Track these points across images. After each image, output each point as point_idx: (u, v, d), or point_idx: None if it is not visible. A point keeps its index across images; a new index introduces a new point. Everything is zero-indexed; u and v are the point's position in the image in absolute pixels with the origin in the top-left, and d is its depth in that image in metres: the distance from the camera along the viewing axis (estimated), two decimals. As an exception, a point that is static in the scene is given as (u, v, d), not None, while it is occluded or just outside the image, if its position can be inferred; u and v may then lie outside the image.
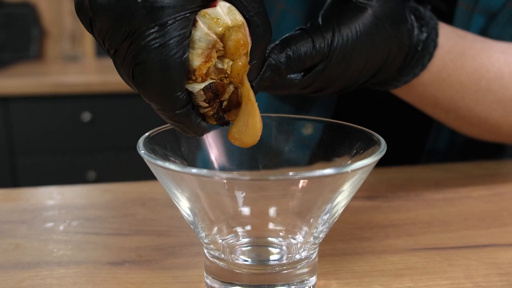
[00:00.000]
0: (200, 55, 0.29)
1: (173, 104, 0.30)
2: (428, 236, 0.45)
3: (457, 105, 0.47)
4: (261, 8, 0.31)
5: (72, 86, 1.70)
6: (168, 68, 0.28)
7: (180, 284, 0.37)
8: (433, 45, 0.42)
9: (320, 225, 0.33)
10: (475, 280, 0.38)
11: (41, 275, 0.38)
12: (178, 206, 0.33)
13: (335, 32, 0.37)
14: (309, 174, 0.29)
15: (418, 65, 0.43)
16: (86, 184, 0.57)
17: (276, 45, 0.35)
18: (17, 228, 0.46)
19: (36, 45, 2.08)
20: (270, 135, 0.40)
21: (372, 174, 0.60)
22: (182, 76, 0.29)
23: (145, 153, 0.31)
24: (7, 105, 1.70)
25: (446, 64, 0.44)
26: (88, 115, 1.74)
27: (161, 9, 0.28)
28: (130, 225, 0.47)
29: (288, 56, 0.35)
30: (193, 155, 0.38)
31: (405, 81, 0.43)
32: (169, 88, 0.29)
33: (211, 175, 0.29)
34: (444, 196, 0.54)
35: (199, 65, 0.30)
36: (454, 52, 0.45)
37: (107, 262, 0.40)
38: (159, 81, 0.29)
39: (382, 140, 0.33)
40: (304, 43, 0.36)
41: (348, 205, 0.51)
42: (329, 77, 0.38)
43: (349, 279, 0.38)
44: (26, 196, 0.54)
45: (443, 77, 0.45)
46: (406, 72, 0.43)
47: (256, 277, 0.33)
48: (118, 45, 0.29)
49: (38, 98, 1.70)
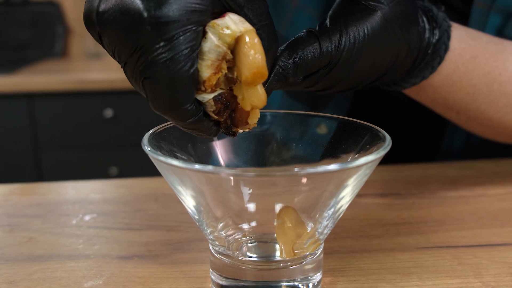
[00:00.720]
0: (209, 66, 0.29)
1: (183, 115, 0.31)
2: (440, 235, 0.44)
3: (468, 108, 0.47)
4: (266, 21, 0.31)
5: (95, 83, 1.72)
6: (175, 82, 0.29)
7: (186, 279, 0.37)
8: (444, 48, 0.41)
9: (324, 220, 0.33)
10: (484, 279, 0.37)
11: (51, 268, 0.39)
12: (183, 202, 0.34)
13: (342, 34, 0.36)
14: (313, 170, 0.29)
15: (427, 68, 0.42)
16: (101, 179, 0.58)
17: (283, 51, 0.35)
18: (32, 221, 0.47)
19: (60, 43, 2.12)
20: (276, 132, 0.40)
21: (386, 171, 0.59)
22: (191, 89, 0.29)
23: (150, 150, 0.31)
24: (32, 102, 1.73)
25: (457, 67, 0.43)
26: (110, 111, 1.76)
27: (166, 24, 0.28)
28: (142, 220, 0.47)
29: (295, 62, 0.34)
30: (200, 152, 0.38)
31: (414, 82, 0.43)
32: (178, 101, 0.30)
33: (215, 171, 0.30)
34: (459, 194, 0.53)
35: (209, 76, 0.30)
36: (466, 55, 0.43)
37: (116, 256, 0.41)
38: (167, 94, 0.29)
39: (388, 137, 0.33)
40: (311, 48, 0.35)
41: (359, 202, 0.51)
42: (334, 78, 0.37)
43: (356, 276, 0.38)
44: (42, 191, 0.55)
45: (454, 80, 0.44)
46: (415, 74, 0.42)
47: (260, 273, 0.33)
48: (126, 58, 0.29)
49: (62, 94, 1.73)
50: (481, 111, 0.47)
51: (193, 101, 0.30)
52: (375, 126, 0.35)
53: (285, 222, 0.34)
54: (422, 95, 0.46)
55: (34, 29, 2.11)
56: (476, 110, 0.47)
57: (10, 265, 0.39)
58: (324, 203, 0.32)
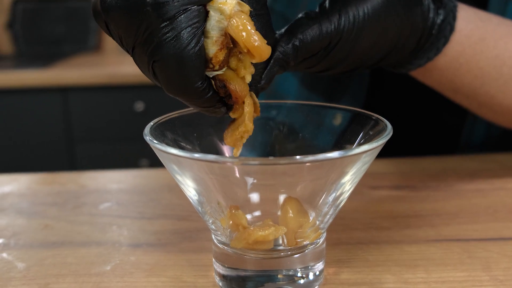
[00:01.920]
0: (214, 43, 0.30)
1: (196, 94, 0.31)
2: (451, 227, 0.43)
3: (477, 92, 0.45)
4: (262, 11, 0.31)
5: (127, 77, 1.75)
6: (183, 61, 0.29)
7: (191, 267, 0.38)
8: (450, 28, 0.40)
9: (325, 208, 0.33)
10: (493, 273, 0.36)
11: (62, 254, 0.40)
12: (185, 192, 0.34)
13: (341, 14, 0.35)
14: (314, 158, 0.29)
15: (432, 49, 0.41)
16: (119, 170, 0.59)
17: (282, 36, 0.35)
18: (49, 209, 0.49)
19: (94, 37, 2.16)
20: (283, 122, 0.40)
21: (404, 163, 0.59)
22: (199, 66, 0.30)
23: (149, 139, 0.31)
24: (66, 95, 1.77)
25: (464, 49, 0.42)
26: (141, 104, 1.79)
27: (166, 3, 0.28)
28: (154, 209, 0.48)
29: (295, 46, 0.34)
30: (205, 142, 0.38)
31: (419, 64, 0.42)
32: (189, 80, 0.30)
33: (216, 161, 0.30)
34: (476, 187, 0.52)
35: (215, 53, 0.30)
36: (473, 36, 0.43)
37: (126, 244, 0.42)
38: (178, 74, 0.30)
39: (389, 126, 0.33)
40: (310, 30, 0.35)
41: (373, 194, 0.51)
42: (335, 59, 0.37)
43: (360, 267, 0.37)
44: (62, 180, 0.56)
45: (460, 63, 0.43)
46: (419, 55, 0.41)
47: (261, 262, 0.33)
48: (133, 43, 0.30)
49: (95, 88, 1.76)
50: (491, 96, 0.46)
51: (203, 78, 0.30)
52: (378, 116, 0.35)
53: (288, 211, 0.34)
54: (428, 78, 0.45)
55: (69, 24, 2.15)
56: (485, 95, 0.46)
57: (24, 250, 0.41)
58: (324, 191, 0.32)
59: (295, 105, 0.41)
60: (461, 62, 0.43)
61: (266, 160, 0.32)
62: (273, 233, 0.32)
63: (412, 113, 0.64)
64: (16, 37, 2.16)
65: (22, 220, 0.46)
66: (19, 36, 2.16)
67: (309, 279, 0.34)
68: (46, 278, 0.37)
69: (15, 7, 2.15)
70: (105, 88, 1.77)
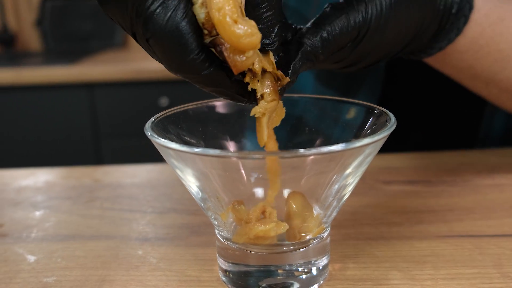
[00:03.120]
0: (202, 5, 0.28)
1: (195, 67, 0.29)
2: (465, 223, 0.42)
3: (497, 78, 0.44)
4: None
5: (152, 73, 1.77)
6: (173, 31, 0.28)
7: (197, 261, 0.38)
8: (469, 7, 0.39)
9: (328, 202, 0.33)
10: (504, 270, 0.35)
11: (71, 247, 0.41)
12: (187, 188, 0.34)
13: (368, 3, 0.34)
14: (317, 151, 0.28)
15: (453, 29, 0.40)
16: (134, 164, 0.60)
17: (309, 29, 0.33)
18: (62, 203, 0.49)
19: (120, 34, 2.18)
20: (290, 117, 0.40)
21: (419, 158, 0.58)
22: (192, 34, 0.28)
23: (150, 134, 0.31)
24: (92, 91, 1.80)
25: (484, 29, 0.41)
26: (165, 100, 1.80)
27: None
28: (165, 203, 0.49)
29: (324, 38, 0.33)
30: (210, 135, 0.38)
31: (440, 47, 0.41)
32: (184, 51, 0.28)
33: (218, 155, 0.29)
34: (494, 182, 0.50)
35: (205, 17, 0.28)
36: (492, 16, 0.41)
37: (135, 238, 0.42)
38: (171, 47, 0.28)
39: (392, 119, 0.32)
40: (338, 21, 0.33)
41: (386, 189, 0.50)
42: (363, 51, 0.36)
43: (367, 263, 0.37)
44: (77, 175, 0.57)
45: (480, 45, 0.42)
46: (441, 38, 0.40)
47: (263, 257, 0.33)
48: (131, 27, 0.30)
49: (120, 84, 1.79)
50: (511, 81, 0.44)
51: (200, 48, 0.28)
52: (382, 108, 0.34)
53: (291, 206, 0.33)
54: (448, 64, 0.44)
55: (96, 21, 2.18)
56: (506, 80, 0.44)
57: (36, 243, 0.41)
58: (327, 184, 0.32)
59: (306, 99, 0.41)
60: (481, 44, 0.42)
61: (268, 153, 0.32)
62: (274, 229, 0.31)
63: (429, 105, 0.62)
64: (44, 35, 2.20)
65: (35, 214, 0.47)
66: (48, 33, 2.20)
67: (312, 274, 0.33)
68: (54, 270, 0.37)
69: (44, 5, 2.19)
70: (131, 84, 1.79)
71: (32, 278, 0.36)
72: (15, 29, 2.23)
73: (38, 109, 1.82)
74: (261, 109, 0.31)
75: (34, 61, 2.00)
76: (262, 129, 0.32)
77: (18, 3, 2.22)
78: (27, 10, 2.23)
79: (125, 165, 0.59)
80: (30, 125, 1.84)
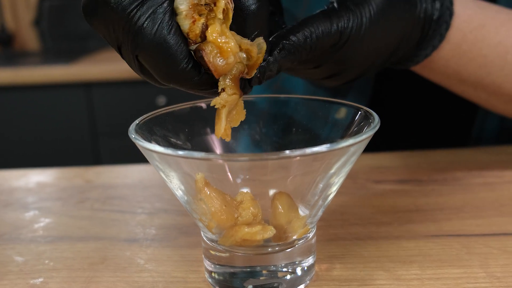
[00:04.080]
0: (185, 17, 0.29)
1: (185, 76, 0.30)
2: (453, 222, 0.42)
3: (484, 82, 0.44)
4: None
5: (149, 71, 1.77)
6: (161, 44, 0.29)
7: (184, 262, 0.38)
8: (449, 13, 0.40)
9: (313, 201, 0.33)
10: (490, 270, 0.35)
11: (60, 248, 0.41)
12: (172, 190, 0.34)
13: (351, 11, 0.36)
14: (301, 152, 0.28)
15: (435, 35, 0.41)
16: (126, 165, 0.60)
17: (294, 26, 0.35)
18: (53, 205, 0.49)
19: (118, 33, 2.18)
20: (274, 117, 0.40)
21: (410, 157, 0.57)
22: (178, 45, 0.29)
23: (135, 137, 0.31)
24: (90, 90, 1.80)
25: (465, 35, 0.42)
26: (163, 99, 1.80)
27: None
28: (156, 204, 0.49)
29: (306, 36, 0.34)
30: (197, 137, 0.38)
31: (425, 54, 0.42)
32: (173, 62, 0.29)
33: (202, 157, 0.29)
34: (485, 181, 0.50)
35: (189, 27, 0.29)
36: (473, 22, 0.42)
37: (123, 239, 0.42)
38: (160, 60, 0.29)
39: (376, 119, 0.32)
40: (322, 23, 0.35)
41: (375, 188, 0.50)
42: (346, 57, 0.37)
43: (354, 263, 0.37)
44: (69, 176, 0.57)
45: (464, 50, 0.43)
46: (424, 45, 0.41)
47: (249, 258, 0.33)
48: (117, 44, 0.30)
49: (118, 83, 1.79)
50: (498, 85, 0.45)
51: (187, 56, 0.30)
52: (367, 108, 0.34)
53: (277, 207, 0.33)
54: (435, 71, 0.44)
55: (93, 20, 2.18)
56: (492, 84, 0.45)
57: (24, 244, 0.41)
58: (312, 184, 0.32)
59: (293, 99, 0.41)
60: (464, 49, 0.43)
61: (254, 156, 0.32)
62: (261, 233, 0.31)
63: (421, 106, 0.62)
64: (42, 34, 2.20)
65: (26, 215, 0.47)
66: (46, 33, 2.19)
67: (297, 275, 0.33)
68: (41, 272, 0.37)
69: (41, 4, 2.19)
70: (128, 83, 1.79)
71: (19, 280, 0.36)
72: (13, 29, 2.23)
73: (36, 108, 1.82)
74: (221, 101, 0.31)
75: (32, 60, 2.00)
76: (220, 120, 0.32)
77: (16, 3, 2.22)
78: (25, 9, 2.22)
79: (117, 166, 0.59)
80: (28, 124, 1.84)
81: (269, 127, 0.41)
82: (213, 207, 0.31)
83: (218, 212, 0.31)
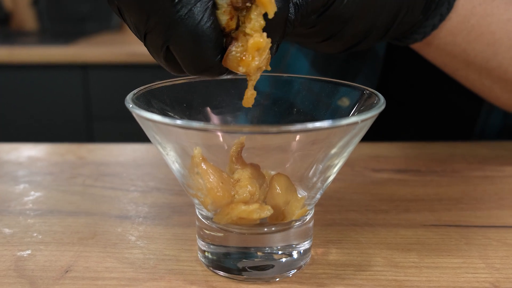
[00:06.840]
0: (224, 13, 0.29)
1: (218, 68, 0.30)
2: (452, 213, 0.42)
3: (489, 65, 0.43)
4: None
5: (146, 56, 1.74)
6: (200, 36, 0.28)
7: (176, 240, 0.37)
8: None
9: (312, 181, 0.32)
10: (489, 261, 0.34)
11: (49, 222, 0.39)
12: (168, 163, 0.33)
13: None
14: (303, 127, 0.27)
15: (443, 2, 0.39)
16: (119, 143, 0.58)
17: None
18: (44, 179, 0.48)
19: (117, 17, 2.16)
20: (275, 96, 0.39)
21: (410, 147, 0.57)
22: (216, 39, 0.29)
23: (132, 106, 0.30)
24: (86, 72, 1.78)
25: (474, 7, 0.41)
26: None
27: None
28: (149, 182, 0.47)
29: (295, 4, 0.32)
30: (195, 112, 0.37)
31: (433, 25, 0.40)
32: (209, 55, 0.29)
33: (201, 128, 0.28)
34: (485, 174, 0.50)
35: (227, 22, 0.30)
36: None
37: (115, 215, 0.41)
38: (196, 51, 0.29)
39: (382, 99, 0.31)
40: None
41: (374, 176, 0.49)
42: (340, 17, 0.35)
43: (351, 249, 0.36)
44: (61, 151, 0.56)
45: (472, 24, 0.41)
46: (432, 13, 0.39)
47: (244, 238, 0.32)
48: (145, 28, 0.29)
49: (115, 66, 1.77)
50: (504, 70, 0.43)
51: (222, 50, 0.30)
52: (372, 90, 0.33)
53: (275, 188, 0.32)
54: (442, 49, 0.43)
55: (93, 3, 2.15)
56: (498, 68, 0.43)
57: (12, 216, 0.40)
58: (313, 164, 0.31)
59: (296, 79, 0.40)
60: (473, 23, 0.41)
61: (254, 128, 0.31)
62: (258, 212, 0.30)
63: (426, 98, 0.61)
64: (40, 14, 2.17)
65: (15, 188, 0.46)
66: (44, 13, 2.17)
67: (293, 258, 0.32)
68: (29, 244, 0.36)
69: (40, -16, 2.17)
70: (125, 66, 1.77)
71: (6, 251, 0.35)
72: (10, 8, 2.21)
73: (31, 88, 1.80)
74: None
75: (29, 40, 1.97)
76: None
77: (14, -19, 2.19)
78: (23, -12, 2.20)
79: (110, 144, 0.58)
80: (23, 104, 1.82)
81: (270, 109, 0.40)
82: (209, 183, 0.30)
83: (214, 188, 0.30)
